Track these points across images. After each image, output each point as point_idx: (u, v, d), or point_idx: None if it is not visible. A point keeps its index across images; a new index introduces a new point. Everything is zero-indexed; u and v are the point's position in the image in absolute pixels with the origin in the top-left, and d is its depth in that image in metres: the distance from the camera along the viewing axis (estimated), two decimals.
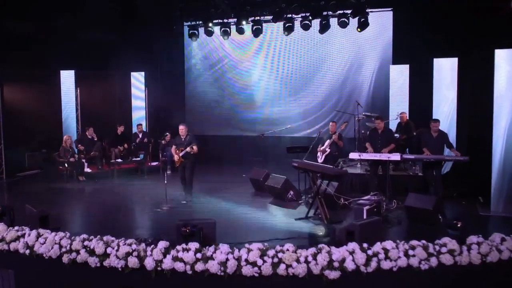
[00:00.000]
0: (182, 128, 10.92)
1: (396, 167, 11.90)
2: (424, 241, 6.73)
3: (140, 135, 15.68)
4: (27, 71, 14.56)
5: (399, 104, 13.84)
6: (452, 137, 11.52)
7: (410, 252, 6.56)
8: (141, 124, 15.97)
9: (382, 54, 15.71)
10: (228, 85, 17.79)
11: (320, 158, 11.59)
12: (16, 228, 7.99)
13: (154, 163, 15.52)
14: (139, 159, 15.04)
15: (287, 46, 16.79)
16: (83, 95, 16.11)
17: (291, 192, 10.80)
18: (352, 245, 6.65)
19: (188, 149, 10.65)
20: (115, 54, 15.21)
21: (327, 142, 11.57)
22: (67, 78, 15.63)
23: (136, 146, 15.46)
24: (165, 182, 10.40)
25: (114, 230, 8.44)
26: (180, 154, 10.76)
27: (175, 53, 17.72)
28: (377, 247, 6.63)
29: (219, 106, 17.89)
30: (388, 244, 6.68)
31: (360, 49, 16.04)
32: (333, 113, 15.80)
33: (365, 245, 6.66)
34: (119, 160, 14.85)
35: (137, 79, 16.99)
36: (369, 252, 6.53)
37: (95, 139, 15.05)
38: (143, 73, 16.93)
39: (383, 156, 10.21)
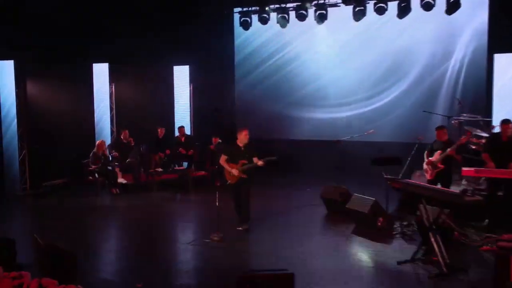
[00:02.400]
0: (246, 134, 8.44)
1: None
2: None
3: (183, 140, 13.36)
4: (54, 64, 12.62)
5: (507, 103, 11.01)
6: None
7: None
8: (183, 127, 13.65)
9: (475, 41, 12.83)
10: (287, 80, 15.26)
11: (429, 175, 8.76)
12: (12, 274, 5.75)
13: (200, 173, 13.16)
14: (182, 168, 12.76)
15: (358, 34, 14.09)
16: (118, 92, 14.07)
17: (381, 219, 8.23)
18: None
19: (260, 163, 8.19)
20: (156, 45, 13.58)
21: (437, 155, 8.72)
22: (101, 72, 13.58)
23: (179, 154, 13.16)
24: (217, 203, 8.02)
25: (150, 274, 6.20)
26: (240, 169, 8.32)
27: (224, 44, 15.44)
28: None
29: (276, 104, 15.36)
30: None
31: (447, 36, 13.20)
32: (421, 114, 12.74)
33: None
34: (159, 169, 12.59)
35: (181, 74, 14.76)
36: None
37: (132, 144, 12.91)
38: (187, 67, 14.73)
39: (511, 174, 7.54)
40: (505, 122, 8.09)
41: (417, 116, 12.86)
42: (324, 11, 13.52)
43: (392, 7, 12.73)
